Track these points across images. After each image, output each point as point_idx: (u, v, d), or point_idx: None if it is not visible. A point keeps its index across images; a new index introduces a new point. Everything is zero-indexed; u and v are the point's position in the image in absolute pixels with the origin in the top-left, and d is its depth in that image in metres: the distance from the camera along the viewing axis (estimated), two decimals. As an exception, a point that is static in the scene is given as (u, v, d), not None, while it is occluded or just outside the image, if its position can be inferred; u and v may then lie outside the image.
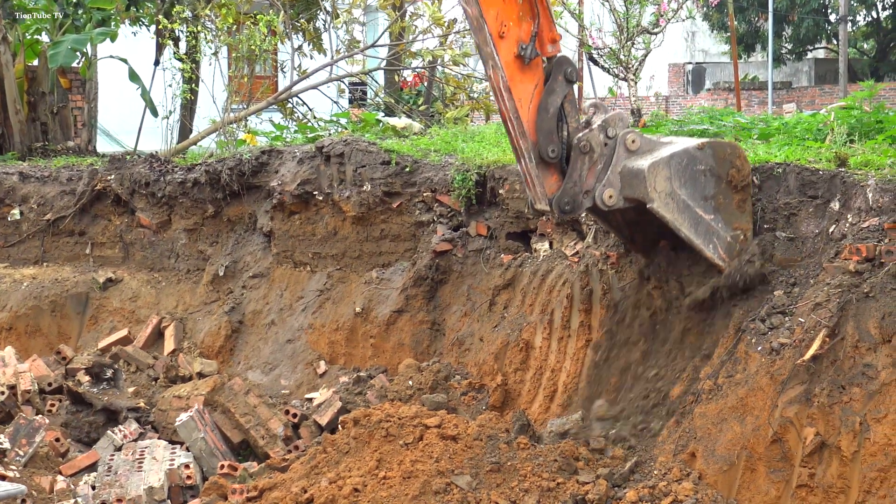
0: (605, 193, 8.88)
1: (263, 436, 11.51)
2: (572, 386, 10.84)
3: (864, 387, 7.89)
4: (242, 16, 18.06)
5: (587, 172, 8.93)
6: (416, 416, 9.61)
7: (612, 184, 8.90)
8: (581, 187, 8.94)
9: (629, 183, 8.84)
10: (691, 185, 8.85)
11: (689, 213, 8.83)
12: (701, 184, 8.91)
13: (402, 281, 12.89)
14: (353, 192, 13.31)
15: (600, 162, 8.94)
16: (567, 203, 8.90)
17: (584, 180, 8.94)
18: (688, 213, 8.83)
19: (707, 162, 8.93)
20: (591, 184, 8.94)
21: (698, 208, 8.87)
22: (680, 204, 8.78)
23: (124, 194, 15.46)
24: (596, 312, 10.95)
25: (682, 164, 8.80)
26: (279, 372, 13.42)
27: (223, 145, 16.65)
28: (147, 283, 15.43)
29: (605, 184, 8.89)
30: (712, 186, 8.95)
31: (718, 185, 8.98)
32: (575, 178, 8.91)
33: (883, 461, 7.69)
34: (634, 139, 8.94)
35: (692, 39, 58.17)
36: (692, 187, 8.85)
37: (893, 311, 7.92)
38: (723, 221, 9.02)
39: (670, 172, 8.74)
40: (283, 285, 14.11)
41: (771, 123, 12.99)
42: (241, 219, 14.85)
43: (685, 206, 8.80)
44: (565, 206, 8.90)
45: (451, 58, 18.66)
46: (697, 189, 8.88)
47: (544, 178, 8.97)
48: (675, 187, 8.74)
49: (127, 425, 12.13)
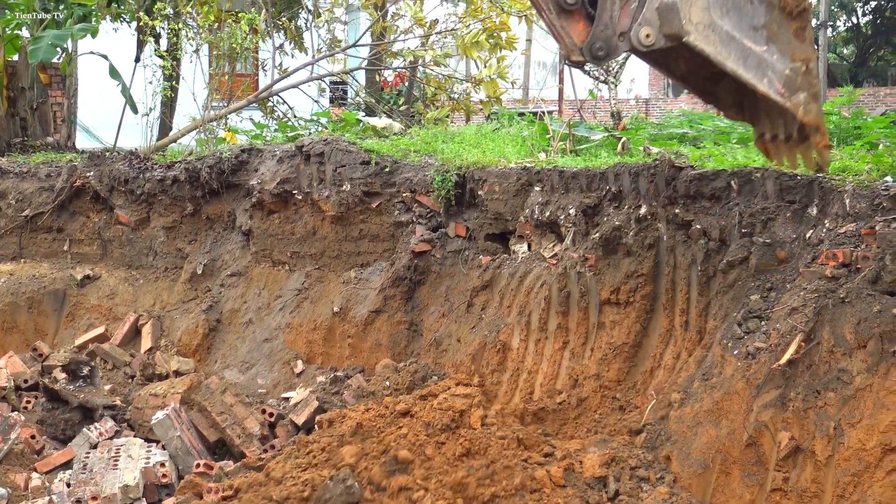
0: (642, 33, 7.93)
1: (240, 435, 11.50)
2: (549, 387, 10.85)
3: (838, 392, 7.92)
4: (224, 13, 18.04)
5: (619, 12, 8.01)
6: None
7: (648, 21, 7.96)
8: (614, 29, 8.05)
9: (666, 18, 7.95)
10: (736, 14, 7.94)
11: (734, 45, 7.94)
12: (748, 13, 7.98)
13: (380, 281, 12.88)
14: (333, 191, 13.30)
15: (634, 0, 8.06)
16: (600, 48, 7.95)
17: (616, 21, 8.03)
18: (733, 46, 7.94)
19: None
20: (626, 24, 8.00)
21: (746, 39, 7.97)
22: (723, 36, 7.89)
23: (103, 191, 15.43)
24: (573, 314, 10.96)
25: None
26: (256, 371, 13.41)
27: (203, 143, 16.64)
28: (125, 280, 15.40)
29: (640, 22, 7.96)
30: (762, 14, 7.99)
31: (770, 13, 8.02)
32: (605, 20, 8.02)
33: (857, 466, 7.72)
34: None
35: (674, 43, 58.26)
36: (737, 16, 7.94)
37: (869, 317, 7.94)
38: (778, 52, 8.05)
39: (708, 1, 7.86)
40: (261, 284, 14.10)
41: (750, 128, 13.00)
42: (220, 217, 14.84)
43: (729, 38, 7.92)
44: (598, 52, 7.96)
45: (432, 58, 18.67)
46: (744, 18, 7.96)
47: (569, 27, 8.08)
48: (714, 17, 7.86)
49: (103, 423, 12.10)
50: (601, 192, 11.12)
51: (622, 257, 10.67)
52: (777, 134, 8.35)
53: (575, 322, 10.96)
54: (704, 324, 10.03)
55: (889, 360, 7.75)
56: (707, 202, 10.05)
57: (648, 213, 10.52)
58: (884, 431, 7.65)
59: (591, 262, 10.83)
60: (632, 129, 14.35)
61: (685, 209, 10.21)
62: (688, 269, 10.19)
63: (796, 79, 7.99)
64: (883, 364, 7.79)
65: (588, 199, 11.18)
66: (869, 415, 7.76)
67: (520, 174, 11.99)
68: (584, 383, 10.61)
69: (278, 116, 19.35)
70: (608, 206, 11.01)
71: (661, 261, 10.48)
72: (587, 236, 11.04)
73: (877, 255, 8.19)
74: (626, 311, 10.59)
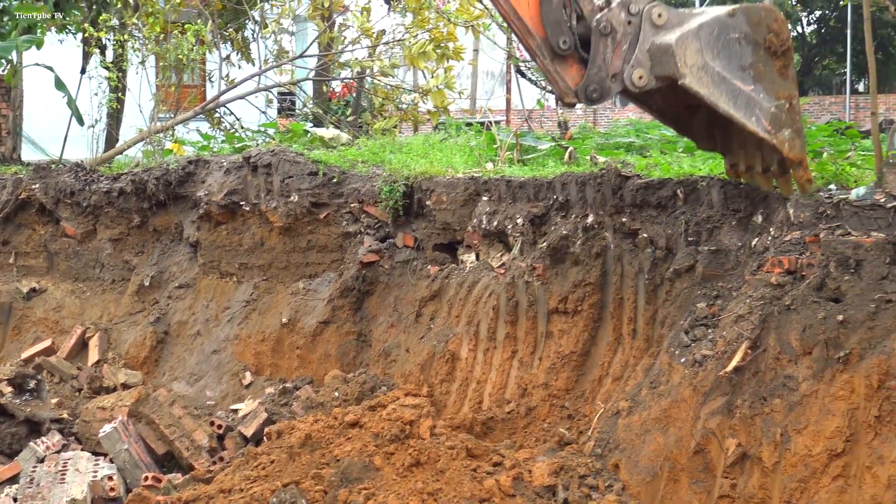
0: (635, 74, 8.36)
1: (188, 447, 11.45)
2: (498, 397, 10.87)
3: (785, 398, 7.98)
4: (170, 25, 17.97)
5: (612, 55, 8.40)
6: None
7: (640, 63, 8.36)
8: (607, 71, 8.42)
9: (659, 60, 8.31)
10: (726, 56, 8.29)
11: (725, 85, 8.24)
12: (737, 53, 8.33)
13: (328, 292, 12.86)
14: (281, 202, 13.27)
15: (625, 42, 8.40)
16: (594, 90, 8.38)
17: (609, 64, 8.41)
18: (724, 86, 8.24)
19: (741, 29, 8.33)
20: (618, 66, 8.41)
21: (736, 79, 8.30)
22: (714, 77, 8.23)
23: (49, 203, 15.34)
24: (522, 324, 10.98)
25: (713, 33, 8.24)
26: (205, 383, 13.35)
27: (150, 155, 16.56)
28: (71, 293, 15.32)
29: (633, 64, 8.36)
30: (749, 54, 8.35)
31: (756, 53, 8.35)
32: (599, 63, 8.40)
33: (803, 472, 7.78)
34: (661, 13, 8.37)
35: (621, 53, 58.44)
36: (727, 58, 8.30)
37: (814, 324, 8.01)
38: (764, 91, 8.39)
39: (701, 44, 8.20)
40: (209, 296, 14.05)
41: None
42: (167, 229, 14.78)
43: (721, 79, 8.25)
44: (592, 94, 8.38)
45: (379, 69, 18.66)
46: (733, 59, 8.32)
47: (563, 71, 8.46)
48: (707, 59, 8.20)
49: (50, 437, 12.01)
50: (548, 202, 11.15)
51: (570, 266, 10.71)
52: (752, 165, 8.59)
53: (523, 331, 10.98)
54: (652, 332, 10.08)
55: (834, 367, 7.82)
56: (653, 211, 10.10)
57: (595, 223, 10.57)
58: (829, 437, 7.72)
59: (538, 272, 10.86)
60: (579, 139, 14.40)
61: (632, 218, 10.26)
62: (635, 278, 10.24)
63: (781, 116, 8.29)
64: (828, 370, 7.86)
65: (535, 209, 11.22)
66: (815, 421, 7.82)
67: (467, 184, 12.01)
68: (532, 392, 10.64)
69: (225, 128, 19.28)
70: (555, 216, 11.04)
71: (608, 270, 10.53)
72: (535, 246, 11.07)
73: (821, 262, 8.26)
74: (574, 319, 10.63)
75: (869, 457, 7.54)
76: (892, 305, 7.74)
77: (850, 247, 8.12)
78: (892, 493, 7.35)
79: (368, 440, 9.42)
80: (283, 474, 9.26)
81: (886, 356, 7.56)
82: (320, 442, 9.58)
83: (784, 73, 8.43)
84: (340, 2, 19.38)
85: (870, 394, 7.59)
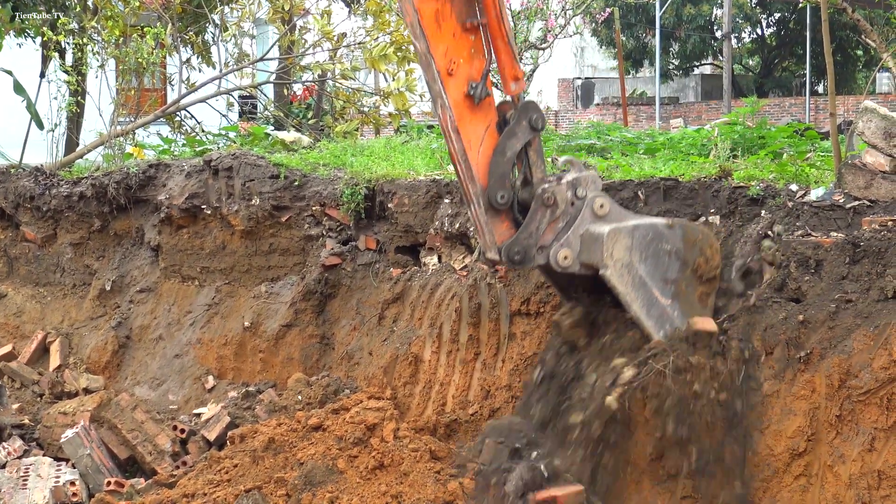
0: (561, 254, 8.28)
1: (151, 452, 11.42)
2: (461, 399, 10.88)
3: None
4: (130, 28, 17.89)
5: (546, 227, 8.32)
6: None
7: (570, 244, 8.28)
8: (536, 240, 8.34)
9: (588, 247, 8.26)
10: (653, 263, 8.23)
11: (644, 290, 8.19)
12: (664, 264, 8.27)
13: (291, 295, 12.85)
14: (242, 205, 13.25)
15: (562, 220, 8.34)
16: (517, 253, 8.28)
17: (540, 234, 8.33)
18: (642, 291, 8.19)
19: (674, 242, 8.32)
20: (548, 240, 8.33)
21: (655, 289, 8.23)
22: (636, 279, 8.15)
23: (8, 208, 15.28)
24: (485, 326, 11.00)
25: (646, 237, 8.22)
26: (167, 387, 13.32)
27: (110, 159, 16.49)
28: (32, 297, 15.25)
29: (563, 243, 8.29)
30: (676, 270, 8.31)
31: (683, 271, 8.33)
32: (531, 230, 8.31)
33: (765, 472, 7.84)
34: (604, 203, 8.37)
35: (581, 55, 58.75)
36: (653, 265, 8.24)
37: (775, 324, 8.07)
38: (679, 310, 8.30)
39: (631, 243, 8.14)
40: (171, 300, 14.01)
41: (657, 138, 13.15)
42: (128, 233, 14.73)
43: (641, 283, 8.17)
44: (514, 256, 8.28)
45: (340, 72, 18.65)
46: (659, 268, 8.26)
47: (494, 225, 8.35)
48: (633, 259, 8.14)
49: (11, 442, 11.96)
50: (510, 204, 11.16)
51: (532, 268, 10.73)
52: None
53: (486, 333, 10.99)
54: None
55: (795, 367, 7.89)
56: (615, 212, 10.13)
57: (558, 224, 10.58)
58: (791, 437, 7.79)
59: (500, 274, 10.88)
60: (540, 141, 14.40)
61: (594, 219, 10.28)
62: (597, 279, 10.27)
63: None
64: (789, 370, 7.93)
65: (498, 211, 11.22)
66: (777, 420, 7.89)
67: (429, 186, 12.01)
68: (496, 394, 10.65)
69: (186, 131, 19.22)
70: (518, 218, 11.06)
71: (570, 271, 10.55)
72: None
73: (781, 262, 8.31)
74: (537, 321, 10.64)
75: (830, 455, 7.61)
76: (851, 305, 7.82)
77: (810, 247, 8.18)
78: (854, 492, 7.42)
79: (332, 443, 9.42)
80: (247, 478, 9.26)
81: (847, 356, 7.63)
82: (283, 445, 9.58)
83: (704, 300, 8.47)
84: (301, 5, 19.35)
85: (830, 393, 7.66)
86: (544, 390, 9.21)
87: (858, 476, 7.46)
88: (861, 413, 7.54)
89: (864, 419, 7.53)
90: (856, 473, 7.47)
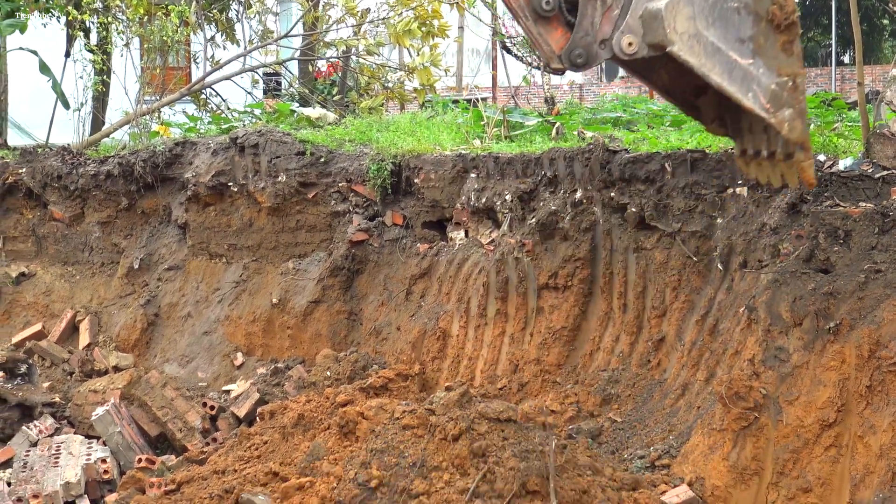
0: (625, 41, 7.70)
1: (181, 428, 11.46)
2: (489, 373, 10.89)
3: (776, 369, 8.00)
4: (154, 6, 17.89)
5: (601, 19, 7.78)
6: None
7: (631, 29, 7.71)
8: (595, 36, 7.81)
9: (650, 27, 7.67)
10: (722, 25, 7.64)
11: (719, 56, 7.65)
12: (734, 24, 7.67)
13: (318, 271, 12.86)
14: (268, 182, 13.26)
15: (616, 6, 7.77)
16: (579, 56, 7.77)
17: (597, 28, 7.79)
18: (718, 57, 7.64)
19: None
20: (607, 31, 7.77)
21: (732, 51, 7.67)
22: (708, 47, 7.61)
23: (36, 188, 15.32)
24: (512, 300, 11.00)
25: (708, 1, 7.64)
26: (196, 364, 13.36)
27: (136, 137, 16.52)
28: (61, 276, 15.30)
29: (623, 30, 7.72)
30: (749, 26, 7.68)
31: (757, 25, 7.70)
32: (586, 27, 7.80)
33: (795, 443, 7.80)
34: None
35: (606, 27, 58.33)
36: (723, 27, 7.64)
37: (804, 295, 8.03)
38: (765, 66, 7.73)
39: (693, 11, 7.57)
40: (198, 277, 14.04)
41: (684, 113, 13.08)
42: (155, 211, 14.76)
43: (715, 50, 7.63)
44: (577, 59, 7.79)
45: (365, 47, 18.63)
46: (730, 30, 7.66)
47: (548, 34, 7.89)
48: (700, 28, 7.58)
49: (42, 420, 12.02)
50: (536, 178, 11.16)
51: (559, 242, 10.72)
52: (759, 150, 8.17)
53: (514, 307, 10.99)
54: (642, 306, 10.11)
55: (824, 338, 7.85)
56: (641, 185, 10.11)
57: (584, 198, 10.58)
58: (821, 408, 7.74)
59: (528, 248, 10.87)
60: (566, 114, 14.40)
61: (620, 192, 10.27)
62: (624, 252, 10.26)
63: (782, 94, 7.74)
64: (819, 341, 7.89)
65: (524, 185, 11.22)
66: (806, 392, 7.85)
67: (455, 161, 12.01)
68: (524, 368, 10.66)
69: (212, 109, 19.25)
70: (544, 192, 11.05)
71: (597, 244, 10.54)
72: (524, 222, 11.07)
73: (809, 233, 8.28)
74: (565, 295, 10.64)
75: (860, 426, 7.57)
76: (880, 275, 7.77)
77: (839, 218, 8.14)
78: (884, 463, 7.38)
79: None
80: (277, 454, 9.27)
81: (876, 326, 7.58)
82: (312, 422, 9.59)
83: (788, 49, 7.78)
84: (325, -20, 19.34)
85: (860, 364, 7.62)
86: None
87: (889, 446, 7.42)
88: (891, 383, 7.50)
89: (894, 390, 7.49)
90: (886, 444, 7.43)
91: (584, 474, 8.05)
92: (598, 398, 9.82)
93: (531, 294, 10.91)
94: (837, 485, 7.62)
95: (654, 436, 9.05)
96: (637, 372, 9.90)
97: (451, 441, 7.86)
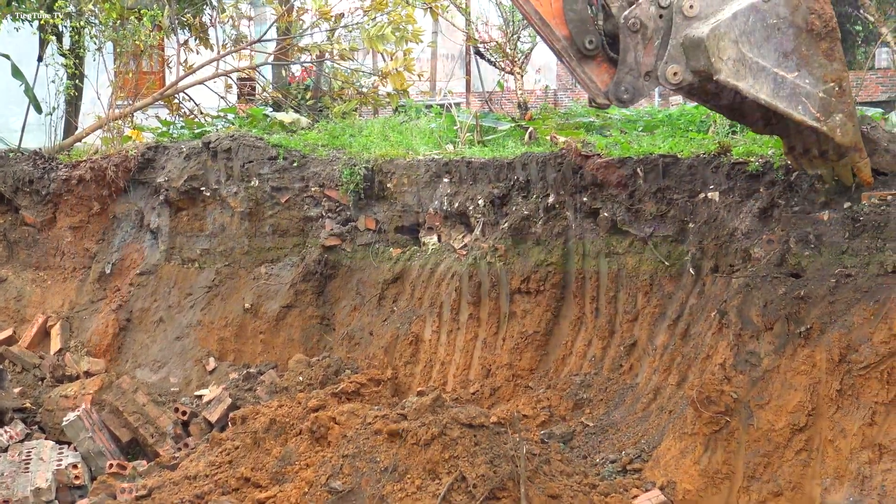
0: (669, 71, 7.75)
1: (153, 434, 11.43)
2: (462, 378, 10.89)
3: (747, 374, 8.03)
4: (127, 10, 17.84)
5: (643, 53, 7.87)
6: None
7: (674, 59, 7.77)
8: (639, 71, 7.91)
9: (693, 54, 7.70)
10: (764, 44, 7.70)
11: (766, 76, 7.70)
12: (776, 39, 7.73)
13: (291, 276, 12.85)
14: (241, 187, 13.25)
15: (657, 38, 7.84)
16: (625, 91, 7.90)
17: (640, 62, 7.89)
18: (765, 77, 7.70)
19: (778, 13, 7.71)
20: (650, 63, 7.87)
21: (778, 68, 7.74)
22: (753, 68, 7.66)
23: (7, 192, 15.26)
24: (485, 304, 11.00)
25: (748, 21, 7.63)
26: (168, 369, 13.32)
27: (109, 142, 16.46)
28: (32, 281, 15.24)
29: (666, 60, 7.78)
30: (791, 39, 7.75)
31: (798, 37, 7.76)
32: (630, 63, 7.89)
33: (766, 447, 7.84)
34: (692, 3, 7.72)
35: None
36: (766, 46, 7.71)
37: (775, 299, 8.06)
38: (810, 76, 7.82)
39: (736, 34, 7.60)
40: (171, 282, 14.00)
41: (656, 116, 13.13)
42: (127, 216, 14.71)
43: (760, 69, 7.68)
44: (623, 95, 7.91)
45: (338, 52, 18.60)
46: (773, 46, 7.73)
47: (592, 72, 8.01)
48: (744, 50, 7.61)
49: (13, 426, 11.97)
50: (509, 183, 11.17)
51: (531, 246, 10.73)
52: (809, 149, 8.23)
53: (486, 312, 11.00)
54: (614, 311, 10.13)
55: (795, 342, 7.88)
56: (614, 190, 10.13)
57: (556, 202, 10.60)
58: (792, 412, 7.78)
59: (500, 252, 10.88)
60: (539, 119, 14.40)
61: (592, 197, 10.29)
62: (597, 257, 10.28)
63: (830, 101, 7.80)
64: (789, 345, 7.92)
65: (496, 190, 11.23)
66: (777, 396, 7.88)
67: (428, 166, 12.01)
68: (496, 373, 10.66)
69: (185, 113, 19.19)
70: (516, 196, 11.06)
71: (570, 249, 10.56)
72: (496, 226, 11.09)
73: (781, 238, 8.30)
74: (537, 299, 10.66)
75: (831, 430, 7.60)
76: (851, 280, 7.80)
77: (810, 222, 8.17)
78: (855, 466, 7.42)
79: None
80: (248, 459, 9.25)
81: (847, 330, 7.62)
82: (285, 427, 9.57)
83: (830, 54, 7.86)
84: (298, -15, 19.33)
85: (831, 368, 7.65)
86: None
87: (859, 450, 7.46)
88: (861, 387, 7.53)
89: (865, 393, 7.52)
90: (856, 447, 7.47)
91: (556, 479, 8.09)
92: (570, 403, 9.84)
93: (504, 299, 10.92)
94: (808, 488, 7.66)
95: (626, 440, 9.07)
96: (609, 376, 9.92)
97: (423, 446, 7.89)
